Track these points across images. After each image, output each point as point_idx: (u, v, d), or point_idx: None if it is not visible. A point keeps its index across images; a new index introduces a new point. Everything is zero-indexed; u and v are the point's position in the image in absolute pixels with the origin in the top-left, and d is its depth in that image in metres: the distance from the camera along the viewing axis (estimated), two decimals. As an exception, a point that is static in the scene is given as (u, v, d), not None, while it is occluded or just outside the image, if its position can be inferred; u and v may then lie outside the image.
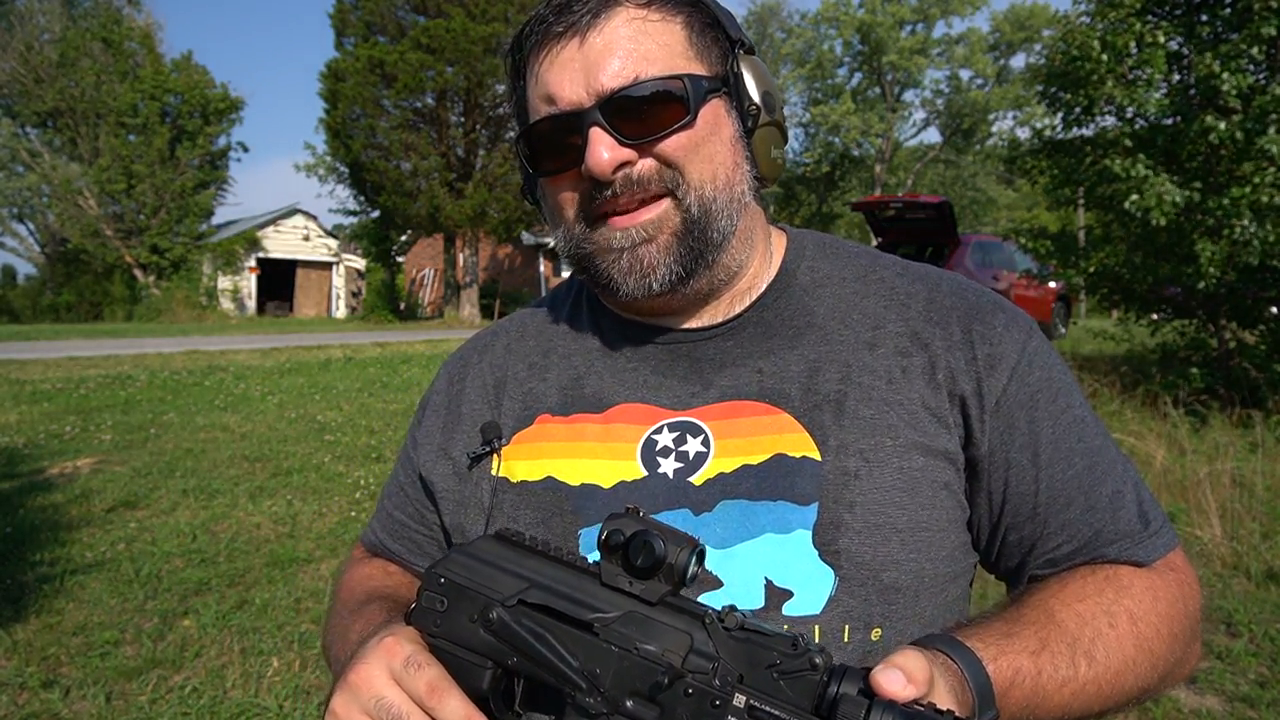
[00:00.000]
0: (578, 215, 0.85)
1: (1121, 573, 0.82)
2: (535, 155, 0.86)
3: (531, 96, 0.86)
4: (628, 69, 0.80)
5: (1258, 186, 6.43)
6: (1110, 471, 0.85)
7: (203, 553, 4.55)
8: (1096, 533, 0.83)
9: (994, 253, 14.32)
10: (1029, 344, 0.86)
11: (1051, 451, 0.84)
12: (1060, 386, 0.86)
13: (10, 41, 29.95)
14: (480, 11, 21.19)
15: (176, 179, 29.94)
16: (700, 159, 0.82)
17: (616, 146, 0.79)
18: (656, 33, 0.82)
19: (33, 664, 3.30)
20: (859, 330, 0.87)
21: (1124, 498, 0.85)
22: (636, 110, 0.80)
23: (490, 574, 0.70)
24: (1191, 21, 7.42)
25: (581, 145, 0.80)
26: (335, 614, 0.98)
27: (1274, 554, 4.15)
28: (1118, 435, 5.96)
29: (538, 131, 0.84)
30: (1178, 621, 0.82)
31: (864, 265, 0.93)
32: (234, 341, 17.80)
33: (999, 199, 42.58)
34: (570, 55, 0.81)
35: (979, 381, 0.83)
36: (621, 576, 0.66)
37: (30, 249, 37.14)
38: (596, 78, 0.80)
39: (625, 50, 0.81)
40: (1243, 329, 7.77)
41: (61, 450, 6.91)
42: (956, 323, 0.86)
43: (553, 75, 0.82)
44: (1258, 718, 2.88)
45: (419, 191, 22.26)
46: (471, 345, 1.06)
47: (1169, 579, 0.84)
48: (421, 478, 0.99)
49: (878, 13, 38.88)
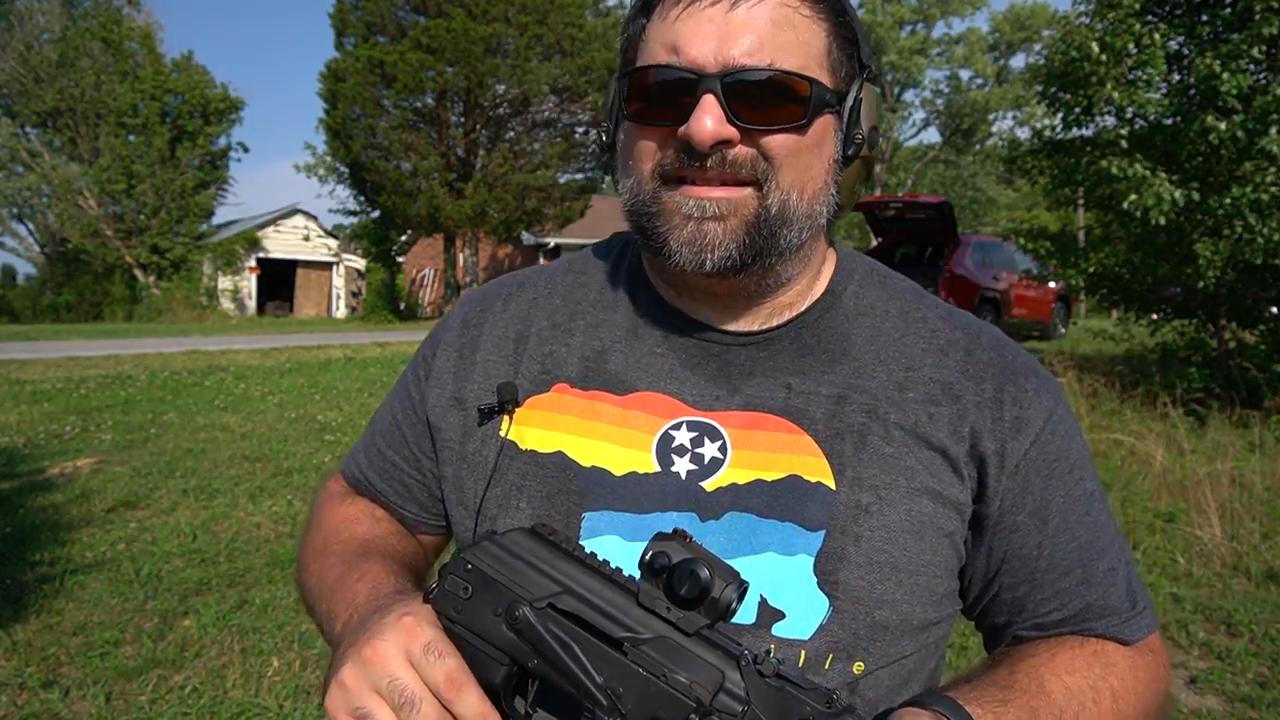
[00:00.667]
0: (654, 171, 0.82)
1: (1108, 649, 0.84)
2: (636, 98, 0.82)
3: (652, 37, 0.82)
4: (764, 52, 0.77)
5: (1259, 186, 6.43)
6: (1109, 548, 0.87)
7: (203, 553, 4.55)
8: (1088, 605, 0.85)
9: (994, 253, 14.31)
10: (1055, 412, 0.86)
11: (1059, 521, 0.85)
12: (1076, 459, 0.87)
13: (10, 41, 29.95)
14: (480, 11, 21.18)
15: (177, 179, 29.94)
16: (797, 165, 0.81)
17: (723, 121, 0.77)
18: (802, 28, 0.80)
19: (33, 664, 3.30)
20: (893, 369, 0.87)
21: (1117, 575, 0.86)
22: (756, 95, 0.77)
23: (522, 570, 0.68)
24: (1192, 21, 7.43)
25: (689, 106, 0.77)
26: (319, 554, 0.94)
27: (1274, 554, 4.15)
28: (1118, 435, 5.97)
29: (648, 77, 0.80)
30: (1152, 701, 0.84)
31: (908, 302, 0.92)
32: (234, 341, 17.81)
33: (999, 199, 42.59)
34: (713, 15, 0.78)
35: (1003, 443, 0.84)
36: (660, 600, 0.64)
37: (30, 249, 37.16)
38: (730, 48, 0.77)
39: (767, 34, 0.78)
40: (1243, 329, 7.78)
41: (61, 450, 6.91)
42: (990, 380, 0.86)
43: (687, 27, 0.78)
44: (1258, 718, 2.88)
45: (419, 191, 22.25)
46: (494, 290, 1.01)
47: (1148, 660, 0.86)
48: (429, 423, 0.95)
49: (878, 13, 38.88)
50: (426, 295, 31.40)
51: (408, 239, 29.29)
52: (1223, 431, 6.23)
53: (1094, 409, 6.94)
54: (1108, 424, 6.46)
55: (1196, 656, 3.30)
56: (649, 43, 0.82)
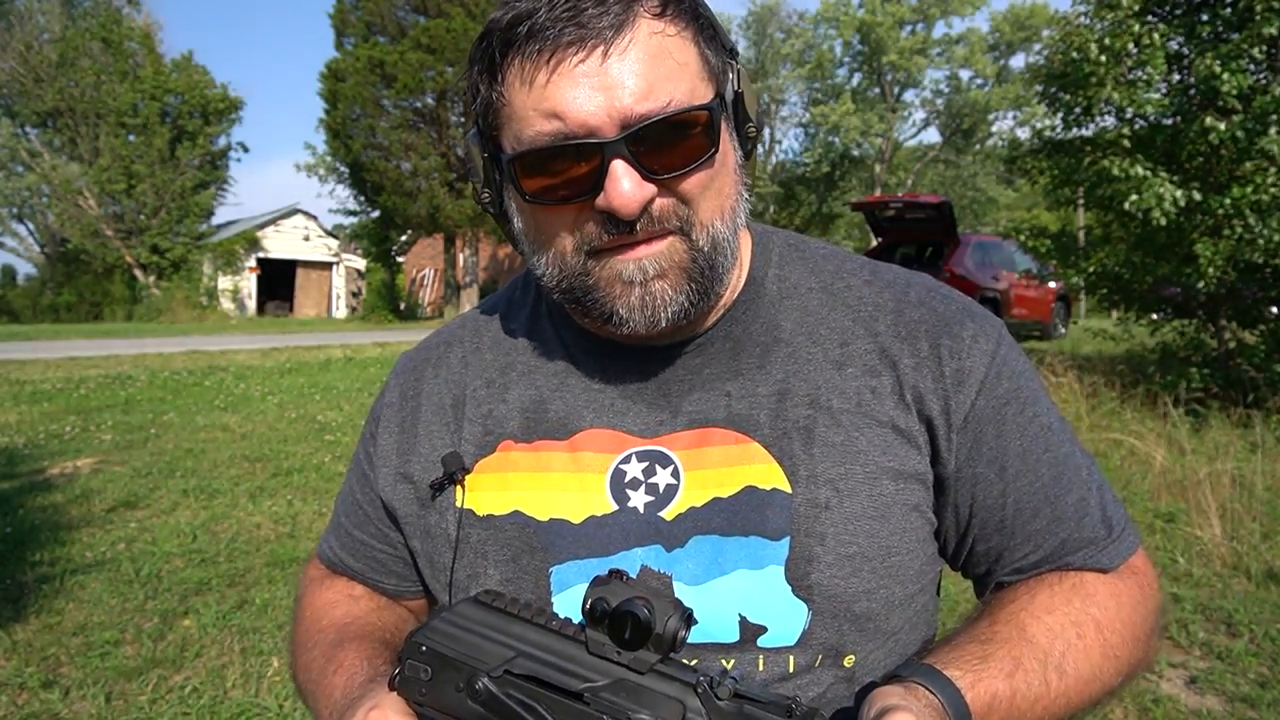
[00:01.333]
0: (577, 247, 0.77)
1: (1087, 580, 0.84)
2: (532, 177, 0.75)
3: (523, 107, 0.74)
4: (656, 94, 0.72)
5: (1259, 186, 6.43)
6: (1075, 478, 0.86)
7: (203, 553, 4.55)
8: (1062, 542, 0.84)
9: (994, 253, 14.32)
10: (998, 353, 0.85)
11: (1019, 464, 0.84)
12: (1028, 395, 0.85)
13: (10, 41, 29.96)
14: (480, 11, 21.19)
15: (177, 179, 29.95)
16: (712, 194, 0.78)
17: (640, 182, 0.72)
18: (676, 49, 0.74)
19: (33, 664, 3.30)
20: (827, 347, 0.85)
21: (1088, 504, 0.85)
22: (661, 142, 0.72)
23: (474, 642, 0.69)
24: (1192, 21, 7.43)
25: (595, 176, 0.72)
26: (304, 647, 0.95)
27: (1274, 554, 4.15)
28: (1118, 435, 5.97)
29: (542, 156, 0.74)
30: (1140, 624, 0.84)
31: (830, 272, 0.91)
32: (234, 341, 17.81)
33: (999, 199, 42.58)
34: (588, 70, 0.71)
35: (946, 399, 0.82)
36: (609, 646, 0.65)
37: (30, 249, 37.15)
38: (619, 100, 0.71)
39: (649, 70, 0.72)
40: (1243, 329, 7.77)
41: (61, 450, 6.91)
42: (925, 337, 0.85)
43: (562, 90, 0.71)
44: (1258, 718, 2.88)
45: (419, 191, 22.27)
46: (423, 355, 0.99)
47: (1131, 582, 0.85)
48: (384, 502, 0.94)
49: (877, 13, 38.88)
50: (426, 295, 31.40)
51: (408, 239, 29.31)
52: (1223, 431, 6.23)
53: (1094, 409, 6.94)
54: (1108, 424, 6.46)
55: (1196, 656, 3.29)
56: (519, 114, 0.74)
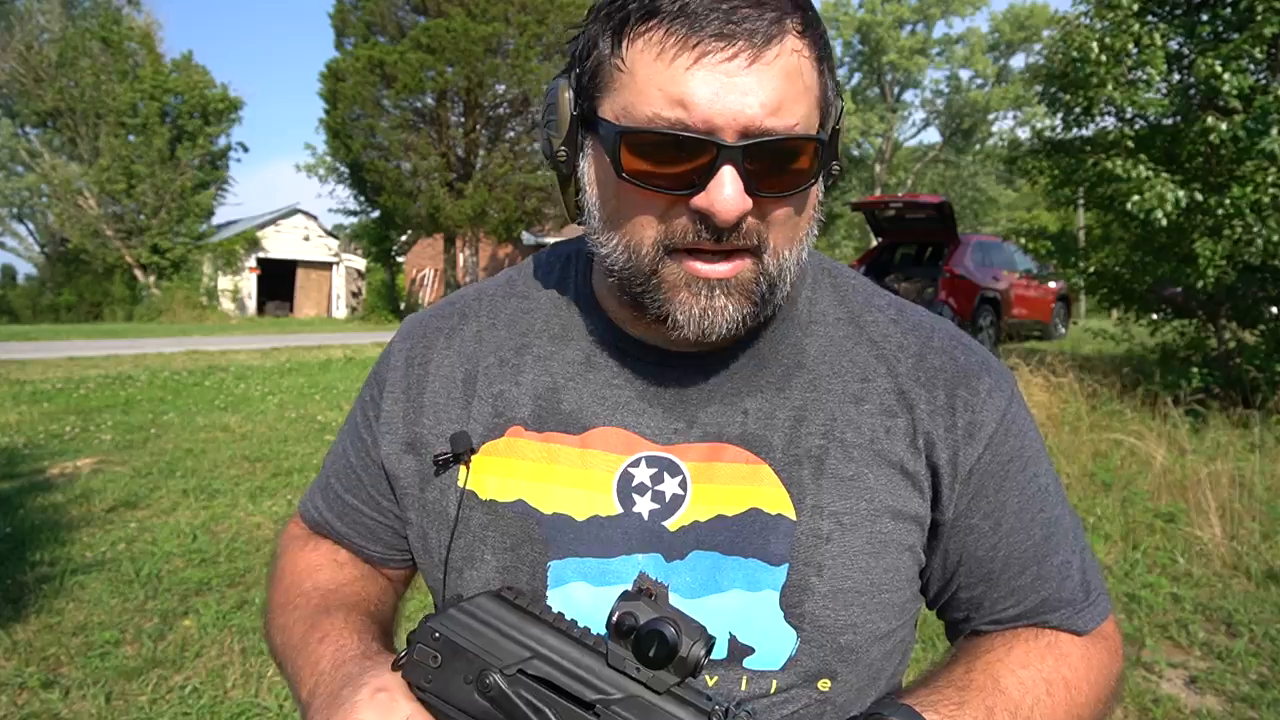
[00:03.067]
0: (658, 241, 0.76)
1: (1062, 640, 0.87)
2: (637, 155, 0.73)
3: (649, 81, 0.71)
4: (784, 114, 0.71)
5: (1259, 187, 6.43)
6: (1063, 541, 0.88)
7: (203, 553, 4.55)
8: (1043, 600, 0.87)
9: (994, 253, 14.31)
10: (1009, 411, 0.86)
11: (1014, 521, 0.86)
12: (1031, 455, 0.88)
13: (10, 41, 29.96)
14: (480, 11, 21.19)
15: (177, 179, 29.96)
16: (793, 223, 0.77)
17: (743, 194, 0.71)
18: (807, 73, 0.73)
19: (33, 664, 3.30)
20: (847, 380, 0.85)
21: (1071, 567, 0.88)
22: (774, 162, 0.72)
23: (490, 637, 0.69)
24: (1192, 21, 7.43)
25: (702, 174, 0.71)
26: (283, 609, 0.93)
27: (1274, 554, 4.15)
28: (1118, 435, 5.96)
29: (649, 139, 0.72)
30: (1104, 687, 0.88)
31: (859, 305, 0.91)
32: (234, 341, 17.81)
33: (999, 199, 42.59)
34: (730, 71, 0.70)
35: (955, 450, 0.83)
36: (629, 661, 0.65)
37: (30, 249, 37.19)
38: (751, 110, 0.70)
39: (783, 90, 0.71)
40: (1243, 329, 7.77)
41: (61, 450, 6.91)
42: (942, 386, 0.85)
43: (698, 82, 0.70)
44: (1258, 718, 2.88)
45: (419, 191, 22.27)
46: (436, 324, 0.96)
47: (1100, 647, 0.89)
48: (384, 469, 0.93)
49: (877, 12, 38.90)
50: (426, 295, 31.40)
51: (408, 239, 29.31)
52: (1223, 431, 6.23)
53: (1094, 409, 6.93)
54: (1108, 424, 6.45)
55: (1196, 656, 3.29)
56: (641, 88, 0.72)
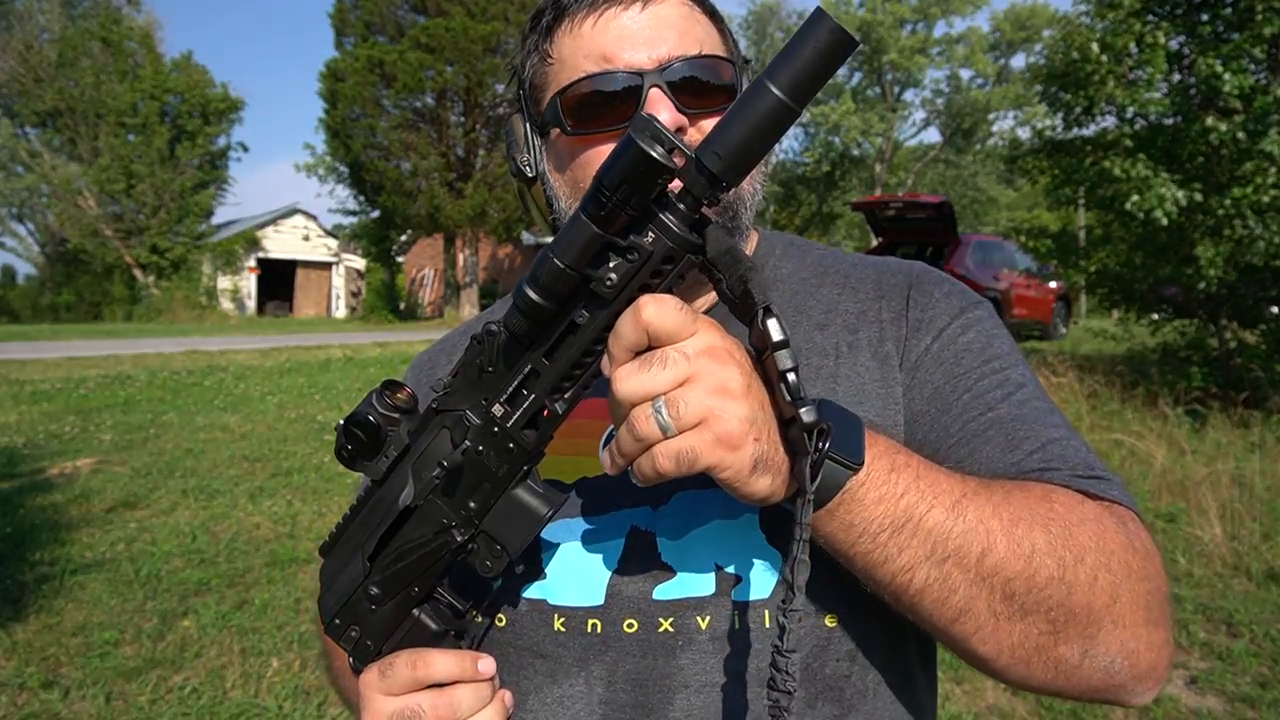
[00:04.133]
0: None
1: (1063, 490, 0.70)
2: (573, 114, 0.83)
3: (570, 54, 0.84)
4: (687, 42, 0.82)
5: (1259, 187, 6.43)
6: (1046, 422, 0.77)
7: (203, 553, 4.55)
8: (1017, 465, 0.73)
9: (994, 252, 14.31)
10: (968, 313, 0.85)
11: (970, 398, 0.78)
12: (995, 352, 0.82)
13: (10, 41, 29.95)
14: (480, 11, 21.19)
15: (176, 179, 29.95)
16: None
17: (675, 111, 0.79)
18: (703, 23, 0.86)
19: (33, 664, 3.30)
20: (811, 314, 0.88)
21: (1066, 444, 0.75)
22: (693, 83, 0.81)
23: (345, 576, 0.76)
24: (1192, 21, 7.42)
25: (633, 105, 0.80)
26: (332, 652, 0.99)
27: (1274, 554, 4.15)
28: (1118, 435, 5.96)
29: (587, 87, 0.82)
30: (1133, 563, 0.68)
31: (824, 263, 0.95)
32: (234, 341, 17.81)
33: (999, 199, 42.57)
34: (631, 20, 0.82)
35: (904, 342, 0.84)
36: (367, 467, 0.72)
37: (30, 249, 37.16)
38: (659, 44, 0.81)
39: (684, 27, 0.83)
40: (1243, 329, 7.77)
41: (61, 450, 6.91)
42: (900, 292, 0.87)
43: (609, 37, 0.82)
44: (1258, 718, 2.88)
45: (419, 191, 22.26)
46: (439, 348, 1.05)
47: (1134, 527, 0.71)
48: None
49: (878, 12, 38.88)
50: (426, 295, 31.39)
51: (408, 239, 29.28)
52: (1223, 431, 6.22)
53: (1094, 409, 6.93)
54: (1108, 424, 6.45)
55: (1197, 656, 3.29)
56: (568, 62, 0.84)
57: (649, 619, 0.78)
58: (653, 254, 0.59)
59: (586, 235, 0.59)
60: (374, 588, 0.74)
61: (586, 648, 0.79)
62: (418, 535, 0.71)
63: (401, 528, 0.72)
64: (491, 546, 0.70)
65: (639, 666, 0.77)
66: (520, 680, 0.82)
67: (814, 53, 0.55)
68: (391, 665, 0.72)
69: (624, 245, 0.59)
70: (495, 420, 0.67)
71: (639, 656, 0.78)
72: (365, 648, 0.76)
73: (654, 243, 0.59)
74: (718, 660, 0.76)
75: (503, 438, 0.68)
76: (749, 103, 0.57)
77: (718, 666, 0.76)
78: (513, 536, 0.70)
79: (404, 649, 0.73)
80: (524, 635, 0.82)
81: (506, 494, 0.69)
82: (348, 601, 0.75)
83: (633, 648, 0.78)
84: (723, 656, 0.76)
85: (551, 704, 0.80)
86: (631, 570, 0.79)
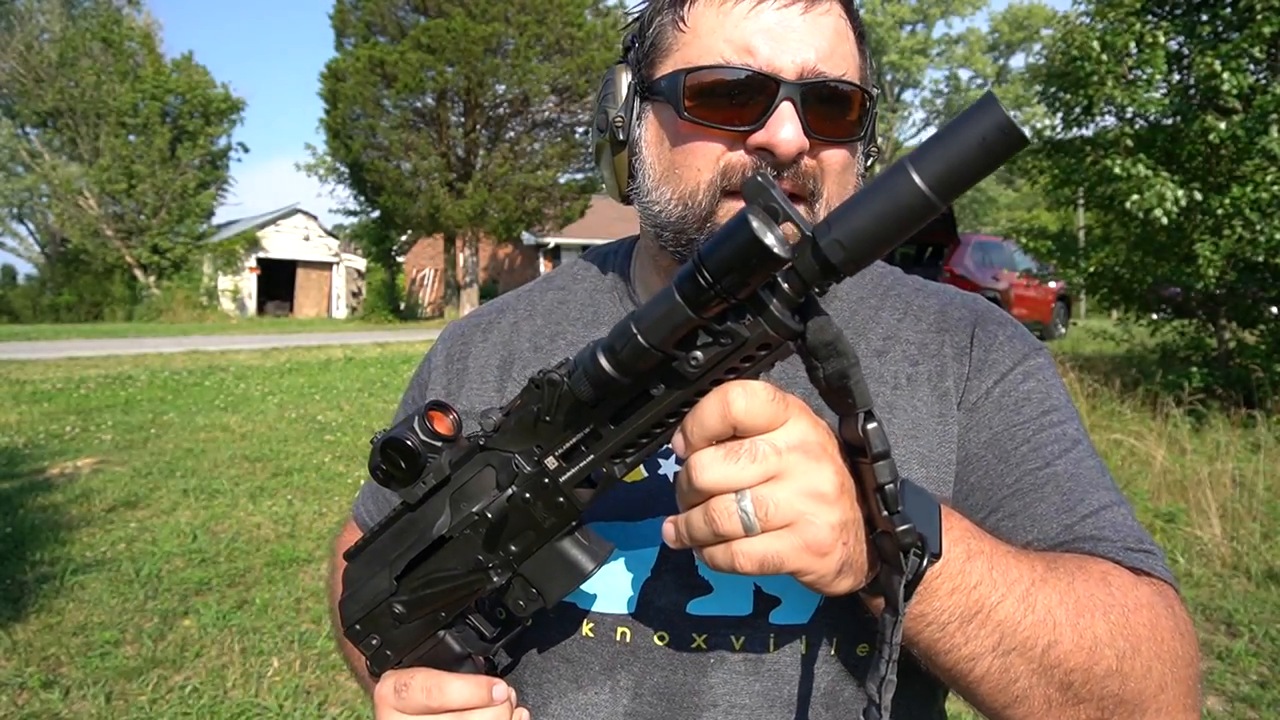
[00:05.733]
0: (716, 181, 0.77)
1: (1104, 563, 0.70)
2: (695, 97, 0.76)
3: (710, 31, 0.77)
4: (834, 61, 0.76)
5: (1259, 186, 6.43)
6: (1099, 483, 0.77)
7: (203, 553, 4.55)
8: (1068, 528, 0.74)
9: (994, 252, 14.31)
10: (1030, 359, 0.83)
11: (1027, 450, 0.77)
12: (1054, 404, 0.81)
13: (10, 41, 29.95)
14: (480, 11, 21.18)
15: (177, 179, 29.95)
16: (842, 181, 0.80)
17: (801, 131, 0.74)
18: (852, 43, 0.80)
19: (33, 664, 3.30)
20: (871, 339, 0.86)
21: (1117, 511, 0.75)
22: (826, 106, 0.76)
23: (370, 588, 0.74)
24: (1192, 21, 7.42)
25: (762, 112, 0.74)
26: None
27: (1274, 554, 4.15)
28: (1118, 435, 5.96)
29: (708, 77, 0.75)
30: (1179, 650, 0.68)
31: (884, 282, 0.92)
32: (234, 341, 17.81)
33: (999, 199, 42.58)
34: (789, 19, 0.75)
35: (965, 381, 0.82)
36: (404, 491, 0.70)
37: (30, 249, 37.19)
38: (807, 54, 0.75)
39: (835, 43, 0.77)
40: (1243, 329, 7.77)
41: (61, 450, 6.91)
42: (965, 329, 0.85)
43: (760, 26, 0.75)
44: (1258, 718, 2.88)
45: (419, 191, 22.26)
46: (474, 320, 1.00)
47: (1159, 592, 0.71)
48: None
49: (878, 13, 38.90)
50: (426, 295, 31.39)
51: (408, 239, 29.29)
52: (1223, 431, 6.22)
53: (1094, 409, 6.93)
54: (1108, 424, 6.45)
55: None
56: (704, 39, 0.77)
57: (681, 633, 0.77)
58: (748, 340, 0.53)
59: (678, 319, 0.53)
60: (399, 606, 0.72)
61: (614, 656, 0.78)
62: (450, 566, 0.70)
63: (433, 555, 0.70)
64: (528, 590, 0.68)
65: (668, 680, 0.76)
66: (543, 684, 0.81)
67: (977, 147, 0.48)
68: (407, 687, 0.71)
69: (718, 330, 0.53)
70: (548, 472, 0.64)
71: (668, 670, 0.77)
72: (385, 657, 0.75)
73: (751, 327, 0.53)
74: (749, 682, 0.75)
75: (554, 491, 0.64)
76: (885, 188, 0.50)
77: (749, 689, 0.75)
78: (551, 587, 0.68)
79: (423, 667, 0.73)
80: (551, 638, 0.81)
81: (550, 544, 0.67)
82: (371, 613, 0.74)
83: (662, 660, 0.77)
84: (755, 679, 0.75)
85: (575, 711, 0.79)
86: (666, 581, 0.78)
